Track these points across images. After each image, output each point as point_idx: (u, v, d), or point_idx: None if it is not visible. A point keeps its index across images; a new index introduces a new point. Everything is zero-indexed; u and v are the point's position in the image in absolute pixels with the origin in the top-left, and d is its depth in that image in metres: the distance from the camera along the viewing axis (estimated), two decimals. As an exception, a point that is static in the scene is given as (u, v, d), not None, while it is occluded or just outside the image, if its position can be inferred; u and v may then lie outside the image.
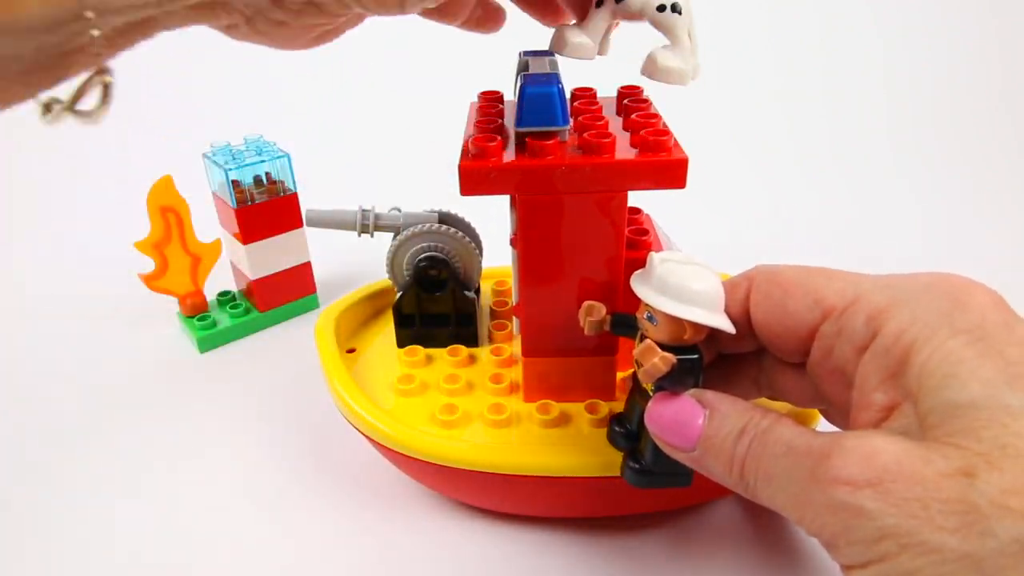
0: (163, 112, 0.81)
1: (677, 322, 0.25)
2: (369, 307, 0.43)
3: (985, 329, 0.21)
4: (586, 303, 0.29)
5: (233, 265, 0.53)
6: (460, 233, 0.38)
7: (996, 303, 0.22)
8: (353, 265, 0.59)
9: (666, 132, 0.29)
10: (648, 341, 0.26)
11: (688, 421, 0.25)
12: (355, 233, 0.42)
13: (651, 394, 0.26)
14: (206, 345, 0.50)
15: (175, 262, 0.49)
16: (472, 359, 0.38)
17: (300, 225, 0.51)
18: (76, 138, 0.79)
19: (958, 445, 0.19)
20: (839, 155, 0.78)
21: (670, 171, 0.28)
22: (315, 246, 0.53)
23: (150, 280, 0.49)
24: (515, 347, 0.38)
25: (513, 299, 0.40)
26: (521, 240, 0.31)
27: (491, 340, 0.40)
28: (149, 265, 0.49)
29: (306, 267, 0.53)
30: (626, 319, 0.29)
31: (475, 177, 0.28)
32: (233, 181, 0.48)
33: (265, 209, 0.49)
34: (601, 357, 0.34)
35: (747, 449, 0.23)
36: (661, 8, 0.28)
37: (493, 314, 0.41)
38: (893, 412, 0.21)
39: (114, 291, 0.57)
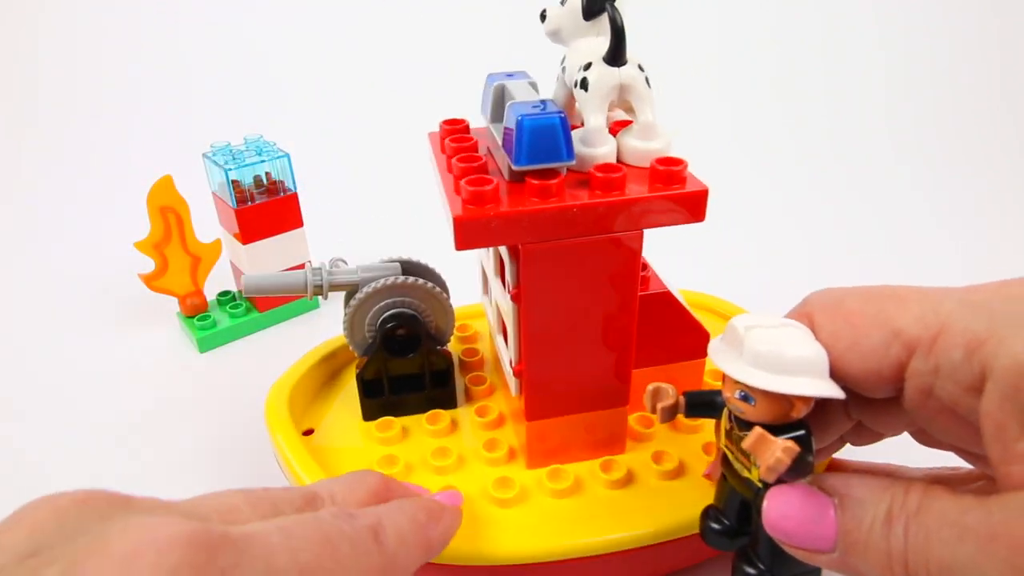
0: (163, 112, 0.81)
1: (781, 398, 0.21)
2: (321, 374, 0.38)
3: None
4: (651, 386, 0.24)
5: (233, 265, 0.53)
6: (429, 283, 0.34)
7: None
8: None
9: (679, 161, 0.25)
10: (758, 430, 0.21)
11: (817, 517, 0.21)
12: (306, 296, 0.36)
13: (756, 483, 0.23)
14: (206, 345, 0.50)
15: (175, 262, 0.49)
16: (454, 425, 0.34)
17: (300, 225, 0.51)
18: (77, 138, 0.79)
19: None
20: (841, 155, 0.78)
21: (689, 204, 0.25)
22: (315, 246, 0.53)
23: (150, 280, 0.49)
24: (500, 403, 0.35)
25: (492, 347, 0.36)
26: (524, 295, 0.27)
27: (469, 397, 0.36)
28: (149, 265, 0.49)
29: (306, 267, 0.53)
30: (704, 398, 0.24)
31: (474, 229, 0.24)
32: (233, 181, 0.48)
33: (265, 209, 0.49)
34: (611, 409, 0.30)
35: (904, 540, 0.19)
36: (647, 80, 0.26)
37: (463, 366, 0.37)
38: None
39: (114, 291, 0.57)
